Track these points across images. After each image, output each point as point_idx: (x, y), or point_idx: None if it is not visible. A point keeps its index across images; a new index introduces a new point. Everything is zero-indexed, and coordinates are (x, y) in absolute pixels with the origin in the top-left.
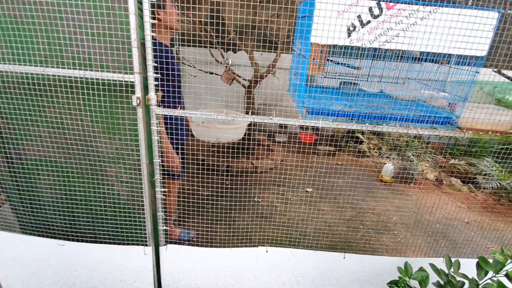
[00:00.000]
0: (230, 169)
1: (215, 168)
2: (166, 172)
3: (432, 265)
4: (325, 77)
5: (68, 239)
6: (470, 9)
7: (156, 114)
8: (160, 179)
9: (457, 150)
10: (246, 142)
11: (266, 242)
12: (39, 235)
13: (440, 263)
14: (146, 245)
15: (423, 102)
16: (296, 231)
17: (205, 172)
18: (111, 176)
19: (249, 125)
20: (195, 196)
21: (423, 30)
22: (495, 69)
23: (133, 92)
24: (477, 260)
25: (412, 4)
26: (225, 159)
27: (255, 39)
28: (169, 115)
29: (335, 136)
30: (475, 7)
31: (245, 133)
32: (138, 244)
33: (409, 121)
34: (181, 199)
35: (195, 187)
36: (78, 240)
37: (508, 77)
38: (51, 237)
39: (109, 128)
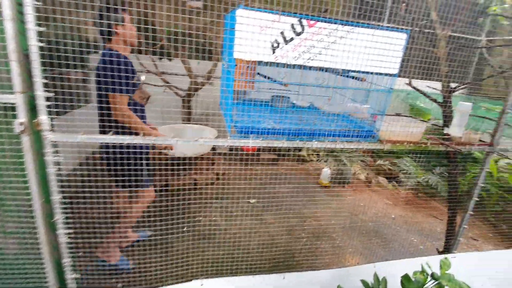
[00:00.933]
0: (168, 187)
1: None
2: (136, 182)
3: (363, 282)
4: (256, 91)
5: None
6: (382, 30)
7: (51, 142)
8: (62, 219)
9: (382, 151)
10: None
11: (206, 267)
12: None
13: (372, 269)
14: None
15: (348, 116)
16: (239, 249)
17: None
18: None
19: None
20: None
21: (342, 49)
22: (406, 83)
23: (14, 116)
24: (403, 267)
25: (331, 23)
26: (163, 177)
27: (191, 48)
28: (69, 142)
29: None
30: (387, 28)
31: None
32: None
33: (337, 136)
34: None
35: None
36: None
37: (415, 88)
38: None
39: None
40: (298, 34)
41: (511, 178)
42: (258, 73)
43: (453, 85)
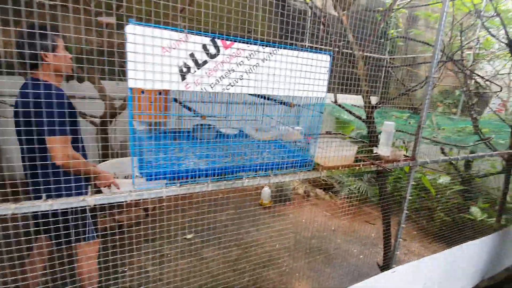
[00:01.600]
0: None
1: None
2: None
3: None
4: (170, 122)
5: None
6: (306, 51)
7: None
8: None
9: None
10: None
11: None
12: None
13: None
14: None
15: (281, 142)
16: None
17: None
18: None
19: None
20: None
21: (266, 73)
22: (332, 101)
23: None
24: None
25: (250, 44)
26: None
27: (104, 67)
28: None
29: None
30: (311, 50)
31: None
32: None
33: (269, 167)
34: None
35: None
36: None
37: (341, 106)
38: None
39: None
40: (213, 56)
41: (425, 179)
42: (175, 100)
43: (373, 100)
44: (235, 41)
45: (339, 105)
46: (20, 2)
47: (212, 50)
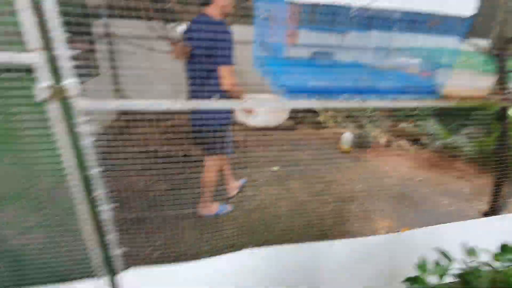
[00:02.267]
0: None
1: (171, 156)
2: (210, 148)
3: (443, 253)
4: (298, 46)
5: None
6: None
7: (82, 110)
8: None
9: (403, 113)
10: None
11: (240, 234)
12: None
13: (422, 234)
14: (99, 276)
15: (399, 71)
16: (269, 215)
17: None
18: (27, 206)
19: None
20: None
21: None
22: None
23: (31, 80)
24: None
25: None
26: (181, 145)
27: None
28: (99, 110)
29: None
30: None
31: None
32: (87, 278)
33: (393, 93)
34: None
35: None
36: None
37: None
38: None
39: (6, 138)
40: None
41: None
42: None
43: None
44: None
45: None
46: None
47: None
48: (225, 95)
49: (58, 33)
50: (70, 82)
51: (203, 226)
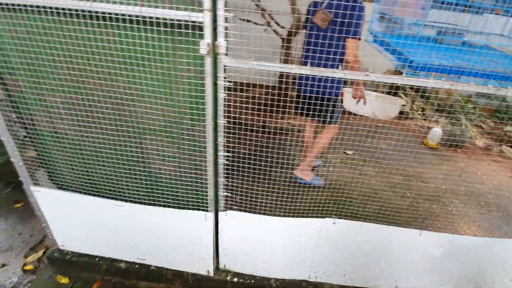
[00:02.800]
0: (266, 127)
1: (250, 126)
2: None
3: None
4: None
5: (126, 201)
6: None
7: (224, 66)
8: (224, 143)
9: (507, 114)
10: (282, 98)
11: (310, 208)
12: (94, 195)
13: None
14: (207, 210)
15: None
16: (342, 195)
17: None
18: (171, 138)
19: (281, 79)
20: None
21: None
22: None
23: (201, 37)
24: None
25: None
26: (261, 117)
27: None
28: (240, 68)
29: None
30: None
31: (278, 89)
32: (199, 210)
33: None
34: None
35: (236, 147)
36: (136, 202)
37: None
38: (108, 198)
39: (170, 82)
40: None
41: None
42: None
43: None
44: None
45: None
46: None
47: None
48: (344, 67)
49: None
50: (221, 41)
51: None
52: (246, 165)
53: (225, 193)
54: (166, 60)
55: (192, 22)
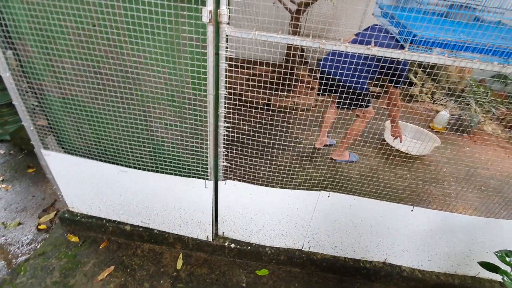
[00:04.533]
0: (270, 105)
1: (254, 104)
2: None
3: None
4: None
5: (130, 167)
6: None
7: (227, 36)
8: (225, 113)
9: None
10: (288, 77)
11: (308, 182)
12: (101, 160)
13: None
14: (207, 179)
15: None
16: (341, 173)
17: (244, 107)
18: (174, 107)
19: (287, 57)
20: (238, 132)
21: None
22: None
23: (203, 4)
24: None
25: None
26: (265, 95)
27: None
28: (242, 37)
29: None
30: None
31: (284, 69)
32: (199, 178)
33: None
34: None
35: (238, 123)
36: (140, 169)
37: None
38: (114, 163)
39: (173, 50)
40: None
41: None
42: None
43: None
44: None
45: None
46: None
47: None
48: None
49: None
50: (222, 9)
51: (288, 163)
52: (246, 140)
53: (225, 163)
54: (169, 27)
55: None
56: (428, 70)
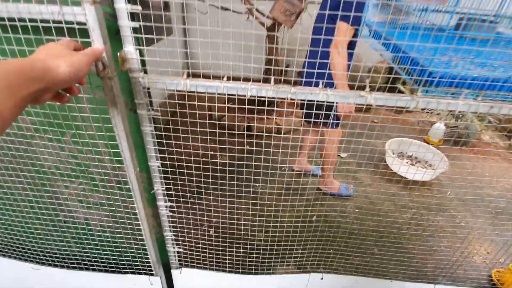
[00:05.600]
0: (250, 130)
1: (232, 129)
2: (327, 121)
3: None
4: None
5: (43, 264)
6: None
7: (144, 89)
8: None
9: None
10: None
11: (301, 226)
12: (9, 257)
13: None
14: (151, 274)
15: None
16: (334, 212)
17: (219, 134)
18: (92, 185)
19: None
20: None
21: None
22: None
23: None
24: None
25: None
26: (244, 118)
27: None
28: (172, 90)
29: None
30: None
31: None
32: (140, 273)
33: None
34: None
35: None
36: (57, 266)
37: None
38: (25, 260)
39: (52, 123)
40: None
41: None
42: None
43: None
44: None
45: None
46: None
47: None
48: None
49: None
50: (128, 50)
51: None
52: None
53: (176, 249)
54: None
55: (68, 24)
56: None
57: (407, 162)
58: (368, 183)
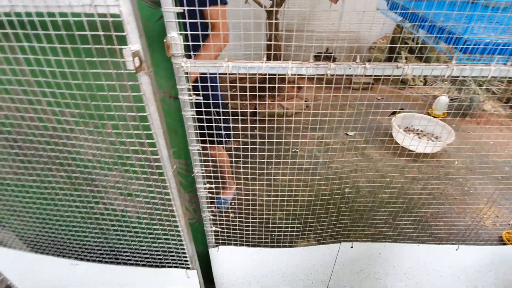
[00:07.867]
0: (257, 114)
1: (240, 114)
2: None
3: None
4: None
5: (82, 259)
6: None
7: (186, 74)
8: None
9: None
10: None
11: (315, 201)
12: (47, 254)
13: None
14: (188, 268)
15: None
16: (346, 185)
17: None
18: (108, 187)
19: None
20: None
21: None
22: None
23: (122, 42)
24: None
25: None
26: (251, 103)
27: None
28: (210, 75)
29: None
30: None
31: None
32: (177, 267)
33: None
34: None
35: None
36: (95, 261)
37: None
38: (63, 257)
39: (92, 114)
40: None
41: None
42: None
43: None
44: None
45: None
46: None
47: None
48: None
49: None
50: (173, 37)
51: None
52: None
53: (214, 228)
54: (89, 78)
55: (100, 17)
56: (416, 52)
57: (415, 137)
58: (377, 158)
